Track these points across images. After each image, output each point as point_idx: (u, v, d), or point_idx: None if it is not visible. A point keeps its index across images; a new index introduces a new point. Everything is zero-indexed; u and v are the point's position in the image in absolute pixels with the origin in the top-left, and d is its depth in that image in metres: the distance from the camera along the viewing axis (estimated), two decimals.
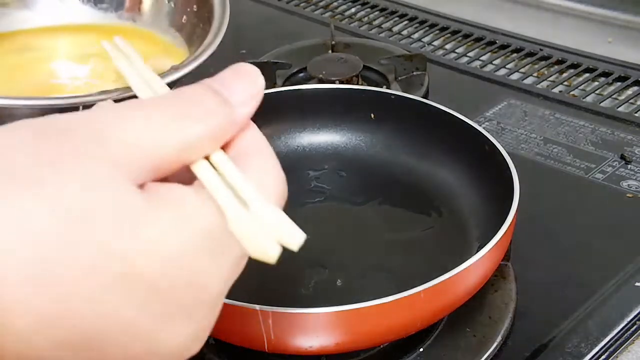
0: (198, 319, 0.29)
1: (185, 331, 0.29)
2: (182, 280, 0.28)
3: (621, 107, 0.76)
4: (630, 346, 0.51)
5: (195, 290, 0.28)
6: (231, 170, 0.30)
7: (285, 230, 0.31)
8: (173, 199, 0.28)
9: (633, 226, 0.61)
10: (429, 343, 0.50)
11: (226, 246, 0.29)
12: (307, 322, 0.44)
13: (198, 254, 0.28)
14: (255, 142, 0.32)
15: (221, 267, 0.30)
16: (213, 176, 0.30)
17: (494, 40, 0.90)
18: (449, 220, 0.59)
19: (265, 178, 0.31)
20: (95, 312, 0.26)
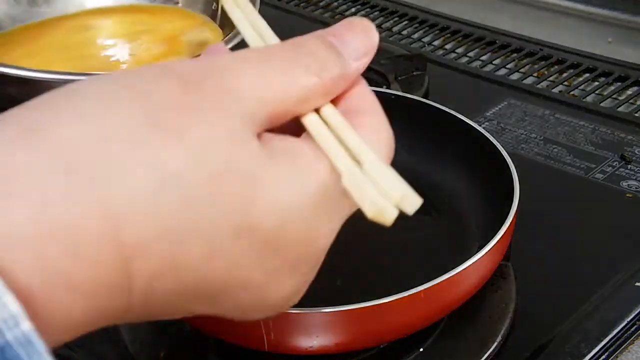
0: (303, 273, 0.30)
1: (290, 284, 0.29)
2: (296, 235, 0.28)
3: (621, 107, 0.76)
4: (630, 346, 0.50)
5: (306, 245, 0.29)
6: (342, 126, 0.29)
7: (402, 192, 0.30)
8: (288, 152, 0.28)
9: (633, 226, 0.61)
10: (429, 343, 0.50)
11: (338, 203, 0.29)
12: (307, 322, 0.44)
13: (313, 210, 0.28)
14: (366, 98, 0.32)
15: (331, 223, 0.30)
16: (324, 130, 0.29)
17: (494, 40, 0.90)
18: (449, 220, 0.59)
19: (377, 136, 0.31)
20: (218, 265, 0.26)
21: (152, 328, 0.53)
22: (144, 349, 0.51)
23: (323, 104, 0.30)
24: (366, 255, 0.56)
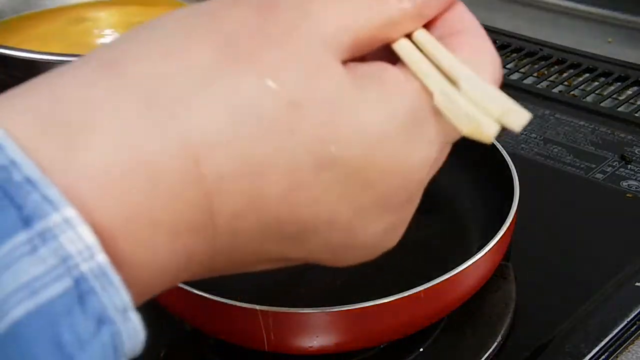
0: (396, 208, 0.28)
1: (382, 222, 0.28)
2: (385, 165, 0.26)
3: (621, 107, 0.76)
4: (630, 346, 0.50)
5: (397, 176, 0.27)
6: (437, 49, 0.27)
7: (505, 106, 0.26)
8: (375, 75, 0.26)
9: (633, 226, 0.61)
10: (429, 343, 0.50)
11: (431, 128, 0.27)
12: (307, 322, 0.44)
13: (403, 136, 0.26)
14: (464, 19, 0.29)
15: (425, 151, 0.27)
16: (416, 54, 0.27)
17: (494, 40, 0.89)
18: (449, 220, 0.59)
19: (479, 57, 0.28)
20: (301, 199, 0.25)
21: (152, 328, 0.53)
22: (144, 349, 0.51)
23: (415, 29, 0.27)
24: None
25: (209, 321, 0.46)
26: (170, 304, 0.48)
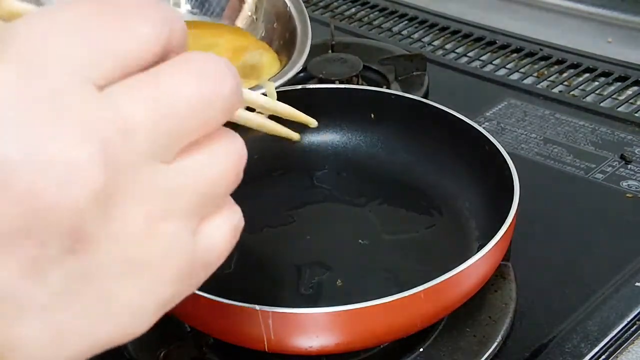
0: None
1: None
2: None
3: (621, 107, 0.76)
4: (630, 346, 0.51)
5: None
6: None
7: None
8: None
9: (633, 226, 0.61)
10: (429, 343, 0.50)
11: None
12: (307, 322, 0.44)
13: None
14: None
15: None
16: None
17: (494, 40, 0.90)
18: (449, 220, 0.59)
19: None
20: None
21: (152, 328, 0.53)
22: (144, 349, 0.51)
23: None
24: (366, 255, 0.56)
25: (209, 321, 0.46)
26: None
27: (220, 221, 0.27)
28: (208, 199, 0.26)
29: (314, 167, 0.65)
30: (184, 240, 0.25)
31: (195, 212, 0.25)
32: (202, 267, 0.26)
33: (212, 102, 0.25)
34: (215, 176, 0.25)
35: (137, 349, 0.51)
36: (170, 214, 0.24)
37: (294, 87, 0.68)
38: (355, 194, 0.62)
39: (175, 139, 0.24)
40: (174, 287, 0.25)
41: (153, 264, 0.24)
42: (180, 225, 0.25)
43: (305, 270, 0.55)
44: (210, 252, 0.26)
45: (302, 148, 0.67)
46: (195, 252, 0.26)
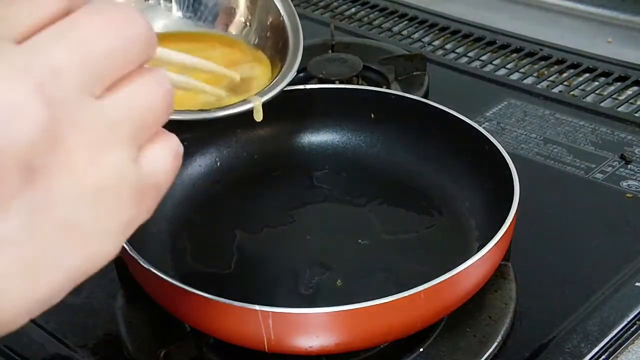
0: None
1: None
2: None
3: (621, 107, 0.76)
4: (630, 346, 0.51)
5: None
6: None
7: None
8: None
9: (633, 226, 0.61)
10: (429, 343, 0.50)
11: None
12: (307, 322, 0.44)
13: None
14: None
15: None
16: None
17: (494, 40, 0.90)
18: (449, 220, 0.59)
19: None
20: None
21: (152, 328, 0.53)
22: (144, 349, 0.51)
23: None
24: (366, 255, 0.56)
25: (209, 321, 0.46)
26: (170, 304, 0.48)
27: (158, 147, 0.30)
28: (141, 127, 0.28)
29: (314, 167, 0.65)
30: (128, 166, 0.28)
31: (132, 140, 0.28)
32: (152, 188, 0.29)
33: (129, 42, 0.27)
34: (145, 106, 0.28)
35: (137, 349, 0.51)
36: (110, 143, 0.27)
37: (294, 88, 0.68)
38: (355, 194, 0.62)
39: (102, 76, 0.27)
40: (131, 209, 0.28)
41: (105, 190, 0.27)
42: (122, 152, 0.27)
43: (305, 270, 0.55)
44: (156, 175, 0.29)
45: (302, 148, 0.67)
46: (141, 177, 0.29)
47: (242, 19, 0.67)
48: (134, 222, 0.29)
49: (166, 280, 0.46)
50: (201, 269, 0.56)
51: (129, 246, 0.48)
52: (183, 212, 0.60)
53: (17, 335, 0.54)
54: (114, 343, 0.53)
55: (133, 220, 0.29)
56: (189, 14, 0.68)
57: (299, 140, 0.67)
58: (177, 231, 0.59)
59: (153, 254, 0.54)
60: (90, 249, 0.28)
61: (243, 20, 0.67)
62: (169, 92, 0.30)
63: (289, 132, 0.67)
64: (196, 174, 0.63)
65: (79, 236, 0.27)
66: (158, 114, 0.29)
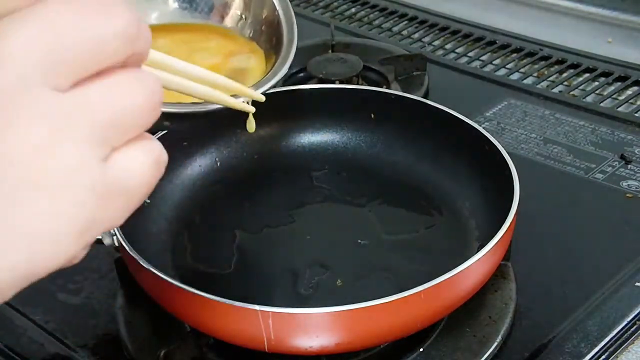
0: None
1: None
2: None
3: (621, 107, 0.76)
4: (630, 346, 0.51)
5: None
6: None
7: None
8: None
9: (633, 226, 0.61)
10: (429, 343, 0.50)
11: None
12: (307, 322, 0.44)
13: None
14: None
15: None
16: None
17: (494, 40, 0.90)
18: (449, 220, 0.59)
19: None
20: None
21: (152, 328, 0.53)
22: (144, 349, 0.51)
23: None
24: (366, 255, 0.56)
25: (209, 321, 0.46)
26: (170, 304, 0.48)
27: (134, 151, 0.28)
28: (112, 128, 0.26)
29: (314, 167, 0.65)
30: (89, 165, 0.26)
31: (99, 139, 0.26)
32: (121, 194, 0.27)
33: (105, 36, 0.26)
34: (117, 106, 0.26)
35: (137, 349, 0.51)
36: (68, 138, 0.25)
37: (294, 88, 0.68)
38: (355, 194, 0.62)
39: (67, 70, 0.25)
40: (90, 212, 0.26)
41: (53, 186, 0.25)
42: (83, 149, 0.26)
43: (305, 270, 0.55)
44: (127, 180, 0.27)
45: (302, 148, 0.67)
46: (106, 178, 0.26)
47: (238, 11, 0.67)
48: (95, 228, 0.27)
49: (166, 280, 0.46)
50: (201, 269, 0.56)
51: (129, 246, 0.48)
52: (183, 212, 0.60)
53: (17, 335, 0.54)
54: (114, 343, 0.53)
55: (93, 225, 0.27)
56: (185, 5, 0.68)
57: (299, 140, 0.67)
58: (177, 231, 0.59)
59: (153, 254, 0.54)
60: (37, 247, 0.26)
61: (239, 13, 0.67)
62: (154, 95, 0.27)
63: (289, 132, 0.67)
64: (196, 174, 0.63)
65: (24, 232, 0.25)
66: (138, 116, 0.27)
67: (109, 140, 0.26)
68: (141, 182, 0.28)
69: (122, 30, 0.26)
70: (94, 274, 0.59)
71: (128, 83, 0.27)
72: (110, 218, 0.27)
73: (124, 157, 0.27)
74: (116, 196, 0.27)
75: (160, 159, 0.29)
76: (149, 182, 0.28)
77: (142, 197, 0.28)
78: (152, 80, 0.28)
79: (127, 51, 0.26)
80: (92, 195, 0.26)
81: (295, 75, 0.81)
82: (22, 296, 0.27)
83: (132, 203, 0.28)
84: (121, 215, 0.28)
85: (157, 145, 0.29)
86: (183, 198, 0.61)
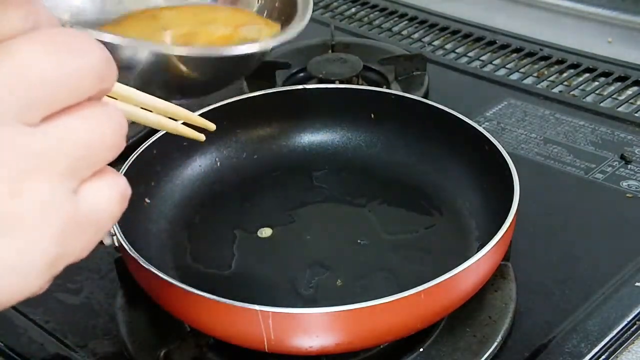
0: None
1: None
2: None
3: (621, 107, 0.76)
4: (630, 346, 0.51)
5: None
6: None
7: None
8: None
9: (633, 226, 0.61)
10: (429, 343, 0.50)
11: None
12: (307, 322, 0.44)
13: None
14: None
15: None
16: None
17: (494, 40, 0.90)
18: (449, 220, 0.59)
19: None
20: None
21: (152, 328, 0.53)
22: (144, 349, 0.51)
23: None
24: (366, 255, 0.56)
25: (209, 321, 0.46)
26: (170, 304, 0.48)
27: (102, 184, 0.28)
28: (82, 161, 0.27)
29: (314, 167, 0.65)
30: (61, 199, 0.26)
31: (69, 172, 0.26)
32: (91, 226, 0.28)
33: (73, 73, 0.26)
34: (87, 140, 0.27)
35: (137, 349, 0.51)
36: (39, 173, 0.26)
37: (294, 88, 0.68)
38: (355, 194, 0.62)
39: (36, 105, 0.26)
40: (58, 245, 0.26)
41: (26, 221, 0.25)
42: (54, 184, 0.26)
43: (305, 270, 0.55)
44: (97, 213, 0.28)
45: (302, 148, 0.67)
46: (78, 211, 0.27)
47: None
48: (64, 259, 0.27)
49: (166, 280, 0.46)
50: (201, 269, 0.56)
51: (129, 246, 0.48)
52: (183, 212, 0.60)
53: (17, 335, 0.54)
54: (114, 343, 0.53)
55: (62, 258, 0.27)
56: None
57: (299, 140, 0.67)
58: (177, 231, 0.59)
59: (153, 254, 0.54)
60: (5, 281, 0.26)
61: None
62: (119, 128, 0.28)
63: (289, 132, 0.67)
64: (196, 174, 0.63)
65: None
66: (104, 149, 0.28)
67: (79, 173, 0.27)
68: (110, 214, 0.28)
69: (94, 66, 0.27)
70: (94, 274, 0.59)
71: (95, 117, 0.27)
72: (78, 250, 0.28)
73: (92, 191, 0.28)
74: (85, 229, 0.28)
75: (125, 192, 0.29)
76: (116, 215, 0.29)
77: (108, 229, 0.29)
78: (119, 114, 0.28)
79: (97, 87, 0.27)
80: (64, 229, 0.26)
81: (295, 75, 0.81)
82: None
83: (99, 235, 0.29)
84: (88, 246, 0.28)
85: (122, 179, 0.29)
86: (183, 198, 0.61)
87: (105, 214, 0.28)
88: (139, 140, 0.65)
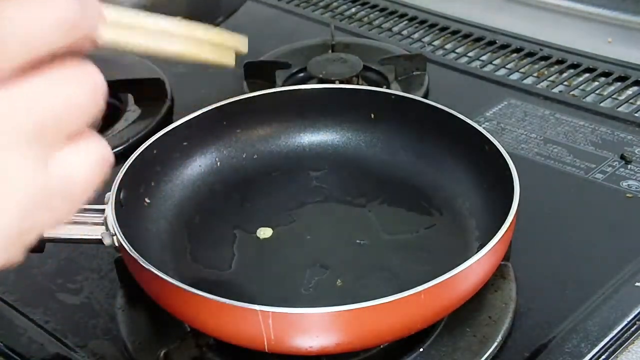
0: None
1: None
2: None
3: (621, 107, 0.76)
4: (630, 346, 0.50)
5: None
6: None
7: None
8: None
9: (633, 226, 0.61)
10: (429, 343, 0.50)
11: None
12: (307, 322, 0.44)
13: None
14: None
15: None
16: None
17: (494, 40, 0.90)
18: (449, 220, 0.59)
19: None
20: None
21: (152, 328, 0.53)
22: (144, 349, 0.51)
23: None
24: (366, 255, 0.56)
25: (209, 321, 0.46)
26: (170, 304, 0.48)
27: (79, 152, 0.26)
28: (52, 127, 0.25)
29: (314, 167, 0.65)
30: (27, 168, 0.24)
31: (37, 139, 0.24)
32: (62, 196, 0.26)
33: (37, 27, 0.24)
34: (58, 103, 0.25)
35: (137, 349, 0.51)
36: (5, 142, 0.24)
37: (294, 88, 0.68)
38: (355, 194, 0.62)
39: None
40: (25, 217, 0.25)
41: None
42: (21, 152, 0.24)
43: (305, 270, 0.55)
44: (70, 182, 0.26)
45: (302, 148, 0.67)
46: (47, 182, 0.25)
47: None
48: (35, 230, 0.26)
49: (166, 280, 0.46)
50: (201, 269, 0.56)
51: (129, 246, 0.48)
52: (183, 212, 0.60)
53: (17, 335, 0.54)
54: (114, 343, 0.53)
55: (33, 228, 0.25)
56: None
57: (299, 140, 0.67)
58: (177, 231, 0.59)
59: (153, 254, 0.54)
60: None
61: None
62: (96, 90, 0.26)
63: (289, 132, 0.67)
64: (196, 174, 0.63)
65: None
66: (79, 113, 0.25)
67: (49, 140, 0.25)
68: (84, 183, 0.26)
69: (58, 19, 0.24)
70: (94, 274, 0.59)
71: (67, 78, 0.25)
72: (51, 220, 0.26)
73: (65, 158, 0.26)
74: (58, 199, 0.26)
75: (104, 157, 0.27)
76: (92, 183, 0.27)
77: (85, 197, 0.27)
78: (94, 74, 0.26)
79: (67, 39, 0.24)
80: (31, 200, 0.25)
81: (295, 75, 0.81)
82: (22, 296, 0.27)
83: (74, 204, 0.27)
84: (63, 216, 0.26)
85: (101, 143, 0.27)
86: (183, 198, 0.61)
87: (81, 182, 0.26)
88: (139, 140, 0.65)
